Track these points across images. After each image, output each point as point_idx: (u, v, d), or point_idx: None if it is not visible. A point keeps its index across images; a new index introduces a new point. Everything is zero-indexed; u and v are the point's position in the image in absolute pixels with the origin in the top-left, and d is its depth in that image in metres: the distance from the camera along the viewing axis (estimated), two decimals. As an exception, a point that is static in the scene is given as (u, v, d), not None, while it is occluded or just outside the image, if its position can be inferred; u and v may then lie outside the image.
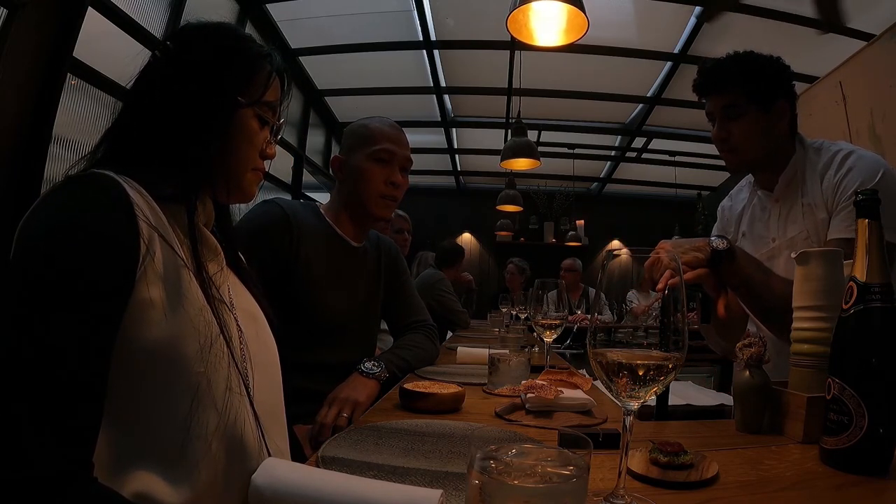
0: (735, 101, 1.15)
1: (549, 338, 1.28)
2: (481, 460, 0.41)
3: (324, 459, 0.63)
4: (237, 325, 0.62)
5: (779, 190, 1.20)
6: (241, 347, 0.61)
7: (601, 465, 0.62)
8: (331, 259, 1.22)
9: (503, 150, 3.11)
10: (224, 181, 0.66)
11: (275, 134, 0.71)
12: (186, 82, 0.62)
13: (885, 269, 0.64)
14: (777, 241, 1.20)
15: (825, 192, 1.11)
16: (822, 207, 1.11)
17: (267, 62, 0.67)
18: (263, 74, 0.67)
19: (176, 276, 0.54)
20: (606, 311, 0.53)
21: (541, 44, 1.71)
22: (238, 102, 0.64)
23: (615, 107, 4.80)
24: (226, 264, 0.67)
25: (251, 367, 0.62)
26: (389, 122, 1.28)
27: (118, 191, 0.52)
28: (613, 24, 3.52)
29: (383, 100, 4.84)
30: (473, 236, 7.12)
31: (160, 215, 0.55)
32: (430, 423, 0.80)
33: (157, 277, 0.52)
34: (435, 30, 3.81)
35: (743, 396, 0.82)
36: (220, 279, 0.64)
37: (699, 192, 6.52)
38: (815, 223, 1.12)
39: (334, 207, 1.28)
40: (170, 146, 0.61)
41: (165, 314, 0.52)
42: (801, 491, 0.58)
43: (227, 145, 0.64)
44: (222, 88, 0.63)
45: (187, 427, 0.52)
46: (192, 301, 0.54)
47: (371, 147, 1.22)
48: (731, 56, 1.18)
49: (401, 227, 3.06)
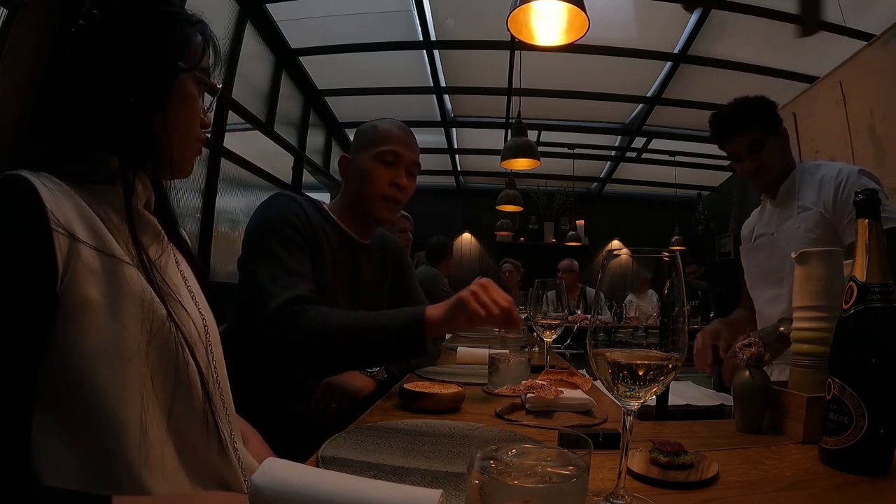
0: (756, 137, 1.44)
1: (549, 338, 1.27)
2: (481, 460, 0.41)
3: (324, 459, 0.63)
4: (182, 306, 0.60)
5: (780, 196, 1.49)
6: (191, 330, 0.59)
7: (601, 465, 0.62)
8: (339, 255, 1.21)
9: (503, 150, 3.11)
10: (167, 154, 0.62)
11: (211, 97, 0.69)
12: (122, 50, 0.58)
13: (886, 269, 0.64)
14: (775, 234, 1.51)
15: (823, 198, 1.37)
16: (816, 208, 1.38)
17: (198, 29, 0.66)
18: (197, 40, 0.65)
19: (112, 269, 0.52)
20: (606, 311, 0.53)
21: (541, 43, 1.71)
22: (178, 67, 0.61)
23: (615, 107, 4.80)
24: (168, 243, 0.65)
25: (204, 350, 0.61)
26: (399, 124, 1.26)
27: (28, 200, 0.49)
28: (613, 24, 3.52)
29: (383, 100, 4.84)
30: (473, 236, 7.12)
31: (85, 210, 0.53)
32: (430, 423, 0.80)
33: (91, 277, 0.50)
34: (435, 30, 3.81)
35: (743, 396, 0.82)
36: (164, 261, 0.62)
37: (699, 192, 6.52)
38: (808, 218, 1.39)
39: (340, 206, 1.27)
40: (106, 123, 0.58)
41: (107, 313, 0.50)
42: (801, 491, 0.58)
43: (170, 114, 0.61)
44: (163, 54, 0.61)
45: (143, 425, 0.51)
46: (133, 292, 0.53)
47: (377, 148, 1.21)
48: (738, 103, 1.47)
49: (404, 226, 3.06)
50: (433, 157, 6.12)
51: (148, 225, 0.62)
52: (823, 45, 3.13)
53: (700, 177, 6.20)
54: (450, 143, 5.78)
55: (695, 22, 3.48)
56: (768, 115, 1.45)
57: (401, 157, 1.21)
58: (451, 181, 7.01)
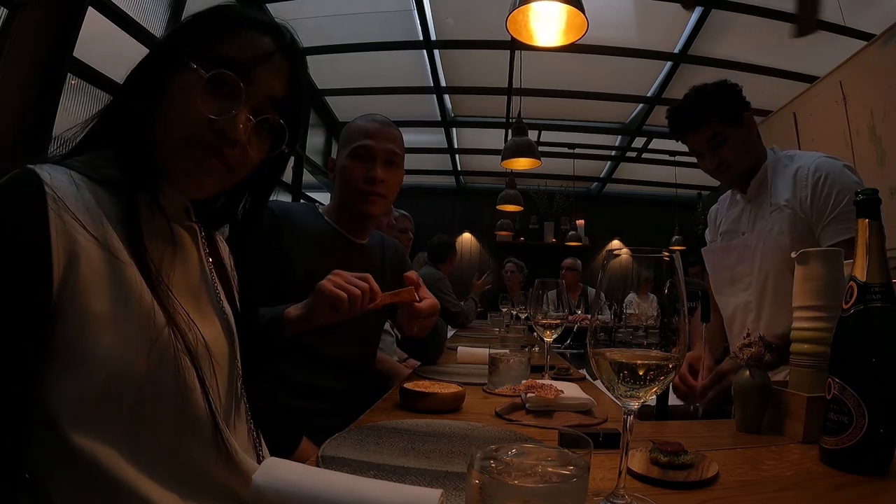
0: (716, 131, 1.29)
1: (550, 338, 1.27)
2: (481, 460, 0.41)
3: (324, 459, 0.63)
4: (186, 315, 0.56)
5: (751, 191, 1.36)
6: (195, 337, 0.55)
7: (601, 465, 0.62)
8: (331, 256, 1.21)
9: (504, 150, 3.11)
10: (165, 162, 0.56)
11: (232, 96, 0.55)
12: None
13: (886, 269, 0.64)
14: (746, 234, 1.36)
15: (798, 195, 1.25)
16: (790, 206, 1.26)
17: (255, 25, 0.58)
18: (241, 33, 0.57)
19: (117, 273, 0.50)
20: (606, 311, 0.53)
21: (541, 44, 1.71)
22: (176, 55, 0.55)
23: (615, 106, 4.80)
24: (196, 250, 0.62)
25: (208, 359, 0.57)
26: (374, 117, 1.26)
27: (30, 199, 0.47)
28: (613, 24, 3.52)
29: (383, 100, 4.84)
30: (473, 236, 7.12)
31: (97, 213, 0.50)
32: (431, 422, 0.80)
33: (96, 282, 0.48)
34: (435, 29, 3.81)
35: (743, 396, 0.82)
36: (174, 265, 0.57)
37: (699, 191, 6.51)
38: (781, 218, 1.27)
39: (332, 207, 1.28)
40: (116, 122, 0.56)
41: (112, 320, 0.49)
42: (801, 491, 0.58)
43: (163, 109, 0.55)
44: (170, 43, 0.57)
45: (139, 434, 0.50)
46: (133, 296, 0.50)
47: (351, 145, 1.22)
48: (692, 95, 1.32)
49: (405, 226, 3.06)
50: (433, 157, 6.12)
51: (160, 232, 0.57)
52: (823, 45, 3.13)
53: (700, 177, 6.14)
54: (450, 142, 5.77)
55: (695, 22, 3.47)
56: (727, 105, 1.29)
57: (372, 149, 1.20)
58: (452, 181, 7.01)
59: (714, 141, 1.30)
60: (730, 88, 1.31)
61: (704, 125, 1.29)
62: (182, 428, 0.54)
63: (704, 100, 1.30)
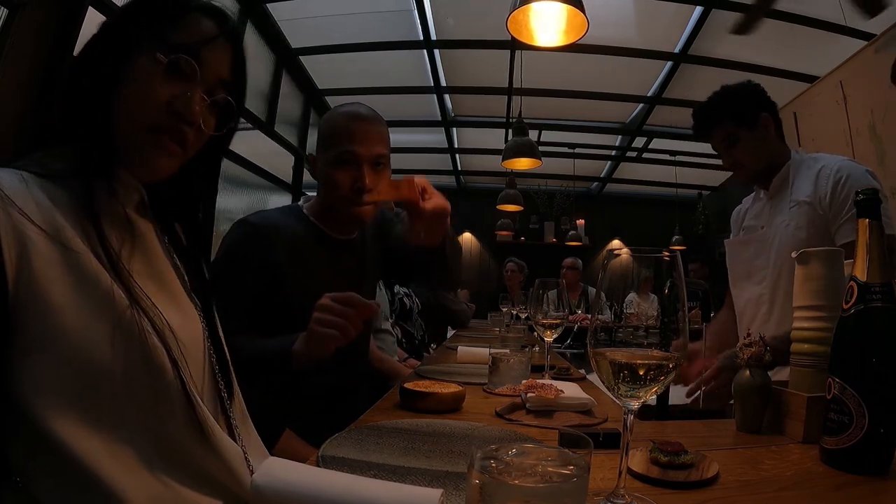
0: (728, 132, 1.35)
1: (550, 337, 1.27)
2: (481, 460, 0.41)
3: (324, 459, 0.63)
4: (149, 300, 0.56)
5: (773, 188, 1.40)
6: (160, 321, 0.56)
7: (601, 465, 0.62)
8: (318, 258, 1.18)
9: (504, 150, 3.11)
10: (122, 146, 0.57)
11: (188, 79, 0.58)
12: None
13: (886, 269, 0.64)
14: (765, 228, 1.42)
15: (819, 192, 1.28)
16: (809, 202, 1.29)
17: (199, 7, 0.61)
18: (188, 16, 0.60)
19: (72, 263, 0.51)
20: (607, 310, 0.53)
21: (541, 44, 1.71)
22: (130, 39, 0.57)
23: (616, 106, 4.80)
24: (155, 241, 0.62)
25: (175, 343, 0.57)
26: (357, 112, 1.16)
27: None
28: (613, 24, 3.51)
29: (383, 99, 4.83)
30: (474, 236, 7.12)
31: (48, 207, 0.51)
32: (431, 422, 0.80)
33: (52, 273, 0.49)
34: (435, 29, 3.80)
35: (743, 396, 0.82)
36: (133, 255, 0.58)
37: (700, 191, 6.52)
38: (800, 214, 1.30)
39: (317, 207, 1.23)
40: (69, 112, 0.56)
41: (73, 307, 0.50)
42: (801, 491, 0.58)
43: (120, 93, 0.57)
44: (120, 28, 0.58)
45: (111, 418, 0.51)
46: (92, 280, 0.51)
47: (333, 150, 1.13)
48: (713, 96, 1.38)
49: None
50: (433, 157, 6.12)
51: (117, 219, 0.58)
52: (823, 45, 3.13)
53: (700, 176, 6.18)
54: (450, 142, 5.77)
55: (695, 21, 3.47)
56: (740, 107, 1.33)
57: (357, 155, 1.11)
58: (452, 181, 7.01)
59: (727, 141, 1.35)
60: (745, 90, 1.35)
61: (717, 126, 1.35)
62: (157, 408, 0.54)
63: (720, 100, 1.36)
